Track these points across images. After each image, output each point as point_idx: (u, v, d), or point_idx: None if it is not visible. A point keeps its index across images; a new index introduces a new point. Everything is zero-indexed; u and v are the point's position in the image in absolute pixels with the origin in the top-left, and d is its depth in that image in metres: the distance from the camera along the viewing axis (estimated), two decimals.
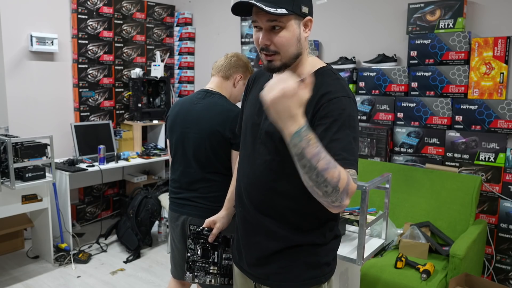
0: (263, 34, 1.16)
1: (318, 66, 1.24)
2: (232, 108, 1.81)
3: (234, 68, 1.89)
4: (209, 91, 1.88)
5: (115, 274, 3.17)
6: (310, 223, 1.23)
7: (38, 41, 3.61)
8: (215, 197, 1.78)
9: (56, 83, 3.87)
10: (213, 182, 1.80)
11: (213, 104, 1.81)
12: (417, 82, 2.99)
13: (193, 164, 1.81)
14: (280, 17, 1.13)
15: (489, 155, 2.72)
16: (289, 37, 1.16)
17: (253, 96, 1.34)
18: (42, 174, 3.02)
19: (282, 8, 1.11)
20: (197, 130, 1.79)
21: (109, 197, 4.33)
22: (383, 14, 3.21)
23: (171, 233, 1.97)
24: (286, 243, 1.24)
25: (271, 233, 1.25)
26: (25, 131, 3.52)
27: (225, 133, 1.75)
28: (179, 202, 1.86)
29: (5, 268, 3.21)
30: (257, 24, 1.17)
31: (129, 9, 4.31)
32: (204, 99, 1.84)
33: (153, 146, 4.22)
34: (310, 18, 1.20)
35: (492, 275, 2.77)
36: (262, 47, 1.18)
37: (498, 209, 2.73)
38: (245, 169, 1.31)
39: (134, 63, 4.42)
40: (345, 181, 1.02)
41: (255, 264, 1.30)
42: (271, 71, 1.22)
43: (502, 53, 2.63)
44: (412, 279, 2.24)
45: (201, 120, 1.79)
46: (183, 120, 1.84)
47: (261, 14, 1.13)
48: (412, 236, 2.53)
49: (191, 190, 1.82)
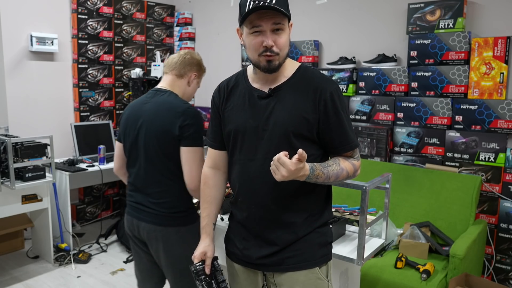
0: (269, 36, 1.25)
1: (296, 65, 1.37)
2: (180, 104, 1.73)
3: (189, 67, 1.82)
4: (159, 89, 1.80)
5: (115, 274, 3.17)
6: (319, 202, 1.38)
7: (38, 41, 3.61)
8: (167, 203, 1.71)
9: (56, 83, 3.87)
10: (165, 186, 1.71)
11: (161, 102, 1.74)
12: (417, 82, 2.99)
13: (145, 167, 1.73)
14: (283, 20, 1.25)
15: (489, 155, 2.72)
16: (287, 38, 1.29)
17: (236, 104, 1.39)
18: (42, 174, 3.02)
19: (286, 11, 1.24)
20: (146, 131, 1.72)
21: (109, 197, 4.33)
22: (383, 14, 3.21)
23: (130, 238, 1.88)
24: (305, 230, 1.34)
25: (292, 225, 1.33)
26: (25, 131, 3.53)
27: (174, 130, 1.66)
28: (134, 205, 1.79)
29: (5, 268, 3.21)
30: (260, 28, 1.25)
31: (129, 9, 4.31)
32: (153, 98, 1.77)
33: None
34: (292, 23, 1.33)
35: (492, 275, 2.77)
36: (265, 49, 1.25)
37: (498, 209, 2.73)
38: (251, 172, 1.35)
39: (134, 63, 4.42)
40: (352, 170, 1.33)
41: (268, 255, 1.35)
42: (270, 71, 1.30)
43: (502, 53, 2.63)
44: (412, 279, 2.24)
45: (150, 120, 1.72)
46: (134, 122, 1.77)
47: (266, 18, 1.23)
48: (412, 236, 2.53)
49: (144, 194, 1.75)
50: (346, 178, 1.33)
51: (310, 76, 1.34)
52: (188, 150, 1.67)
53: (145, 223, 1.73)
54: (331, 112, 1.29)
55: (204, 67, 1.91)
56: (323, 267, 1.38)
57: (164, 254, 1.74)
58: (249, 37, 1.28)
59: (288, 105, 1.30)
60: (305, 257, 1.35)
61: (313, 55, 3.53)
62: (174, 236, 1.72)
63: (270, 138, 1.31)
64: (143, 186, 1.75)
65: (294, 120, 1.29)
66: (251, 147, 1.34)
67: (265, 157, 1.30)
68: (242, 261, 1.42)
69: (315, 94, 1.29)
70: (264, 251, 1.35)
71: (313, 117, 1.29)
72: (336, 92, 1.31)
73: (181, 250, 1.72)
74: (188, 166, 1.68)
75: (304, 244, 1.34)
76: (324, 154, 1.37)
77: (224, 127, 1.42)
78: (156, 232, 1.72)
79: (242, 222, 1.40)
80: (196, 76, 1.86)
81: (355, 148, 1.35)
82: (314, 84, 1.31)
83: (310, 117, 1.29)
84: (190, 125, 1.67)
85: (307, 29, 3.64)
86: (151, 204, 1.73)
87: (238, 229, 1.42)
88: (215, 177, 1.50)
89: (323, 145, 1.35)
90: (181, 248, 1.72)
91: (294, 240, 1.34)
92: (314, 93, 1.30)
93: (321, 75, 1.35)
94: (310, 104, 1.29)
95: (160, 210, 1.72)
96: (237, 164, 1.39)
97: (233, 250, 1.45)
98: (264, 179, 1.29)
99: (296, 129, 1.29)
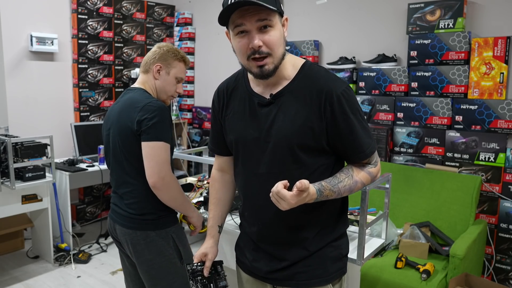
0: (255, 35, 1.10)
1: (299, 63, 1.21)
2: (142, 99, 1.64)
3: (151, 60, 1.74)
4: (130, 88, 1.77)
5: (115, 274, 3.17)
6: (333, 215, 1.27)
7: (38, 41, 3.61)
8: (135, 204, 1.65)
9: (56, 83, 3.87)
10: (133, 186, 1.65)
11: (127, 99, 1.69)
12: (417, 82, 2.99)
13: (115, 167, 1.70)
14: (270, 15, 1.09)
15: (489, 155, 2.72)
16: (278, 36, 1.13)
17: (236, 111, 1.27)
18: (42, 174, 3.02)
19: (271, 5, 1.08)
20: (113, 131, 1.68)
21: (109, 197, 4.33)
22: (383, 14, 3.21)
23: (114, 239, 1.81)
24: (318, 245, 1.24)
25: (302, 241, 1.23)
26: (25, 131, 3.53)
27: (133, 126, 1.59)
28: (112, 207, 1.76)
29: (5, 268, 3.21)
30: (243, 28, 1.10)
31: (129, 9, 4.31)
32: (123, 97, 1.73)
33: None
34: (287, 17, 1.19)
35: (492, 275, 2.77)
36: (253, 51, 1.11)
37: (498, 209, 2.73)
38: (254, 188, 1.25)
39: (134, 63, 4.42)
40: (369, 179, 1.24)
41: (278, 270, 1.26)
42: (265, 77, 1.15)
43: (502, 53, 2.63)
44: (412, 279, 2.24)
45: (115, 120, 1.68)
46: (106, 123, 1.75)
47: (249, 15, 1.08)
48: (412, 236, 2.53)
49: (117, 194, 1.72)
50: (361, 188, 1.24)
51: (315, 77, 1.17)
52: (147, 144, 1.58)
53: (118, 225, 1.69)
54: (339, 118, 1.14)
55: (175, 56, 1.76)
56: (336, 284, 1.28)
57: (135, 259, 1.69)
58: (235, 40, 1.14)
59: (291, 114, 1.16)
60: (317, 273, 1.24)
61: (313, 55, 3.53)
62: (142, 241, 1.64)
63: (273, 151, 1.18)
64: (116, 186, 1.72)
65: (298, 131, 1.15)
66: (254, 160, 1.23)
67: (268, 171, 1.20)
68: (251, 272, 1.35)
69: (320, 98, 1.14)
70: (274, 265, 1.27)
71: (319, 125, 1.14)
72: (344, 94, 1.14)
73: (152, 256, 1.65)
74: (147, 161, 1.58)
75: (316, 259, 1.24)
76: (338, 161, 1.25)
77: (226, 136, 1.33)
78: (126, 236, 1.67)
79: (250, 236, 1.33)
80: (161, 67, 1.73)
81: (370, 155, 1.22)
82: (318, 87, 1.15)
83: (316, 126, 1.14)
84: (148, 119, 1.57)
85: (307, 29, 3.64)
86: (123, 205, 1.68)
87: (248, 240, 1.35)
88: (222, 179, 1.43)
89: (335, 152, 1.21)
90: (151, 254, 1.65)
91: (305, 256, 1.24)
92: (319, 97, 1.14)
93: (326, 75, 1.18)
94: (315, 110, 1.14)
95: (129, 212, 1.66)
96: (241, 177, 1.31)
97: (242, 259, 1.38)
98: (268, 196, 1.13)
99: (300, 141, 1.15)
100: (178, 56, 1.77)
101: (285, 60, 1.19)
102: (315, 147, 1.16)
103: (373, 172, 1.24)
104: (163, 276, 1.68)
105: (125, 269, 1.86)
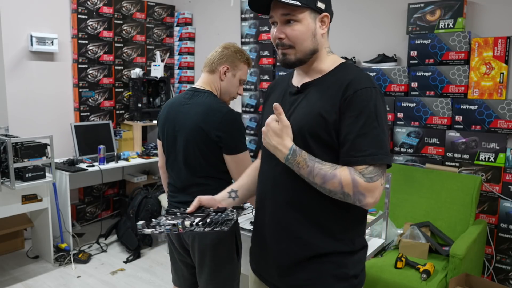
0: (277, 27, 1.18)
1: (339, 62, 1.23)
2: (220, 108, 1.66)
3: (219, 60, 1.74)
4: (197, 89, 1.75)
5: (115, 274, 3.17)
6: (339, 225, 1.17)
7: (38, 41, 3.61)
8: None
9: (56, 83, 3.87)
10: (207, 186, 1.68)
11: (199, 104, 1.68)
12: (417, 82, 2.99)
13: (184, 170, 1.71)
14: (294, 10, 1.14)
15: (489, 155, 2.72)
16: (304, 30, 1.16)
17: (272, 101, 1.27)
18: (42, 174, 3.02)
19: (295, 1, 1.12)
20: (185, 134, 1.68)
21: (109, 197, 4.33)
22: (383, 14, 3.21)
23: (168, 237, 1.88)
24: (314, 250, 1.17)
25: (298, 238, 1.18)
26: (25, 131, 3.52)
27: (211, 134, 1.62)
28: (176, 205, 1.77)
29: (5, 268, 3.21)
30: (274, 19, 1.18)
31: (129, 9, 4.31)
32: (192, 99, 1.72)
33: (153, 146, 4.22)
34: (327, 14, 1.19)
35: (492, 275, 2.77)
36: (277, 42, 1.18)
37: (498, 209, 2.73)
38: (266, 172, 1.26)
39: (134, 63, 4.42)
40: (350, 186, 1.06)
41: (280, 274, 1.23)
42: (286, 66, 1.21)
43: (502, 53, 2.63)
44: (412, 279, 2.24)
45: (188, 124, 1.67)
46: (172, 124, 1.74)
47: (276, 7, 1.16)
48: (412, 236, 2.53)
49: (186, 194, 1.73)
50: (338, 191, 1.07)
51: (346, 72, 1.17)
52: (231, 158, 1.65)
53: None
54: (350, 112, 1.09)
55: (243, 59, 1.77)
56: None
57: (199, 253, 1.70)
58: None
59: (311, 103, 1.16)
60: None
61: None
62: (216, 239, 1.66)
63: None
64: (183, 187, 1.74)
65: (310, 118, 1.14)
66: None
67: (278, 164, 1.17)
68: (258, 274, 1.34)
69: (340, 91, 1.12)
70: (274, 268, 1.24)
71: (332, 117, 1.11)
72: (364, 92, 1.09)
73: (216, 252, 1.67)
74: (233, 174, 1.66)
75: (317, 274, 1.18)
76: None
77: None
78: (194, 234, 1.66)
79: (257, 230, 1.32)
80: (228, 69, 1.74)
81: (368, 164, 1.07)
82: (343, 80, 1.13)
83: (329, 117, 1.11)
84: (228, 132, 1.62)
85: None
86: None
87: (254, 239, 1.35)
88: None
89: None
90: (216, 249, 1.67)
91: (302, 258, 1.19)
92: (340, 89, 1.12)
93: (358, 73, 1.16)
94: (333, 102, 1.11)
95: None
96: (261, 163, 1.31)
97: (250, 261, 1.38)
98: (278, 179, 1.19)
99: (311, 129, 1.13)
100: (244, 58, 1.78)
101: (327, 57, 1.22)
102: (326, 140, 1.12)
103: (358, 183, 1.05)
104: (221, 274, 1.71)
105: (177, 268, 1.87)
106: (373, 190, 1.07)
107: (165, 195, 3.79)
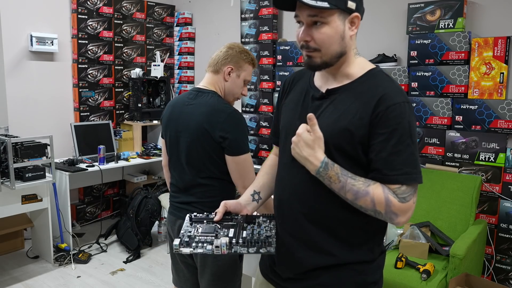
0: (303, 30, 1.09)
1: (368, 68, 1.15)
2: (224, 108, 1.65)
3: (223, 60, 1.72)
4: (201, 90, 1.74)
5: (115, 274, 3.17)
6: (359, 237, 1.14)
7: (38, 41, 3.61)
8: (212, 202, 1.63)
9: (56, 83, 3.87)
10: (209, 186, 1.68)
11: (203, 104, 1.67)
12: (417, 82, 2.99)
13: (186, 170, 1.71)
14: (322, 12, 1.05)
15: (489, 155, 2.72)
16: (331, 33, 1.07)
17: (292, 100, 1.24)
18: (42, 174, 3.02)
19: (324, 2, 1.03)
20: (188, 135, 1.67)
21: (109, 197, 4.33)
22: (383, 14, 3.21)
23: (169, 238, 1.88)
24: (333, 260, 1.13)
25: (316, 248, 1.14)
26: (25, 131, 3.52)
27: (215, 135, 1.61)
28: (177, 205, 1.78)
29: (5, 268, 3.20)
30: (299, 19, 1.10)
31: (129, 9, 4.31)
32: (196, 100, 1.70)
33: (153, 146, 4.22)
34: (357, 15, 1.10)
35: (492, 275, 2.77)
36: (302, 44, 1.11)
37: (498, 209, 2.73)
38: (285, 180, 1.21)
39: (134, 63, 4.42)
40: (383, 205, 1.03)
41: (291, 278, 1.20)
42: (311, 69, 1.15)
43: (502, 53, 2.63)
44: (412, 279, 2.24)
45: (191, 124, 1.66)
46: (175, 124, 1.73)
47: (302, 8, 1.07)
48: (412, 236, 2.53)
49: (188, 194, 1.74)
50: (370, 208, 1.04)
51: (377, 82, 1.10)
52: (232, 160, 1.64)
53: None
54: (383, 129, 1.03)
55: (248, 59, 1.76)
56: None
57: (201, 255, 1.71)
58: None
59: (338, 113, 1.10)
60: None
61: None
62: None
63: None
64: (186, 187, 1.73)
65: (335, 130, 1.08)
66: (287, 150, 1.17)
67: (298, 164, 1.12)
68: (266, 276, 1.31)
69: (372, 106, 1.05)
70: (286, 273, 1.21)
71: (361, 131, 1.05)
72: (397, 108, 1.04)
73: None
74: (234, 175, 1.66)
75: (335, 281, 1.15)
76: None
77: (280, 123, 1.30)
78: None
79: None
80: (233, 69, 1.72)
81: (395, 183, 1.04)
82: (375, 92, 1.07)
83: (356, 130, 1.06)
84: (232, 133, 1.61)
85: None
86: (195, 203, 1.70)
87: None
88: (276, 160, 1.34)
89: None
90: None
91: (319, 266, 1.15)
92: (371, 102, 1.05)
93: (390, 83, 1.10)
94: (363, 115, 1.05)
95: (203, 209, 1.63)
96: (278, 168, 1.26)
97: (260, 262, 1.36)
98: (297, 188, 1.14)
99: (335, 142, 1.08)
100: (249, 59, 1.76)
101: (354, 60, 1.15)
102: (351, 154, 1.08)
103: (392, 202, 1.03)
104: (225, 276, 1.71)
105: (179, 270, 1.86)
106: (406, 210, 1.06)
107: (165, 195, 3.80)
